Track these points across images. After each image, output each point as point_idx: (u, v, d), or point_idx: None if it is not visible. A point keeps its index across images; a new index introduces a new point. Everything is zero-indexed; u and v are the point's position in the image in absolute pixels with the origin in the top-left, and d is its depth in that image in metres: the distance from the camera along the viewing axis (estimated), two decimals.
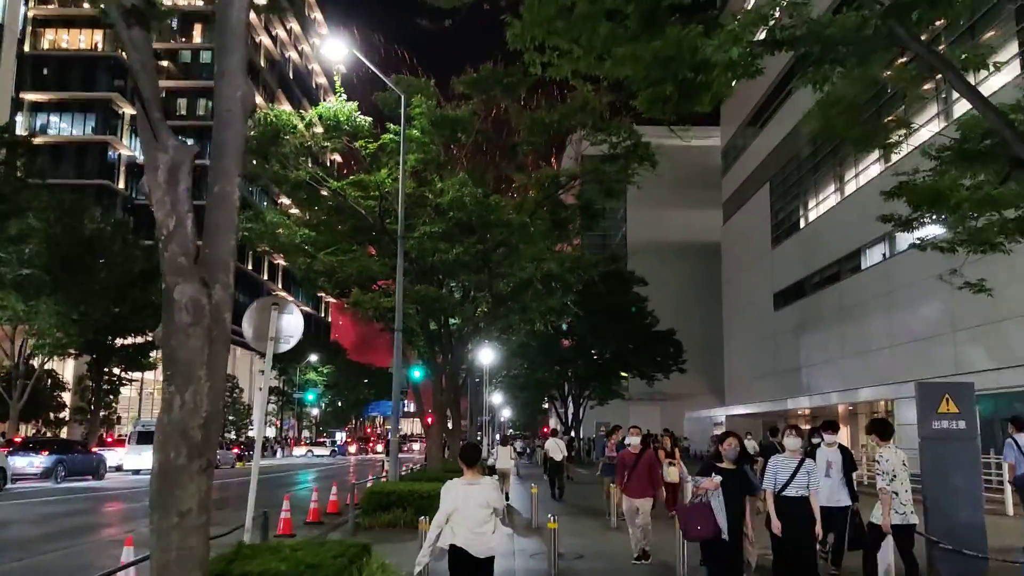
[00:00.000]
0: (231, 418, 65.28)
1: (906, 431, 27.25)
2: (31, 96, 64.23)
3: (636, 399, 56.53)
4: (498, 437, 30.28)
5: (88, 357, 38.67)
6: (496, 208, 15.45)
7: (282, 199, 29.87)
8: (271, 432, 76.82)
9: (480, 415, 40.54)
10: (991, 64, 8.85)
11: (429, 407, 20.28)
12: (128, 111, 66.75)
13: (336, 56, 13.68)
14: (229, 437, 62.69)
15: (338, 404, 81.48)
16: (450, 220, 15.50)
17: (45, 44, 66.24)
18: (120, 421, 53.36)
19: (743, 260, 51.04)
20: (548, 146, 17.99)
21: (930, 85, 23.83)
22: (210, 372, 4.04)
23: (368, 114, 18.18)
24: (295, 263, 17.79)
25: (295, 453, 64.23)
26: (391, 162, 16.10)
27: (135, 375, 48.04)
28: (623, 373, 46.33)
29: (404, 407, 47.86)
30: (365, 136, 16.75)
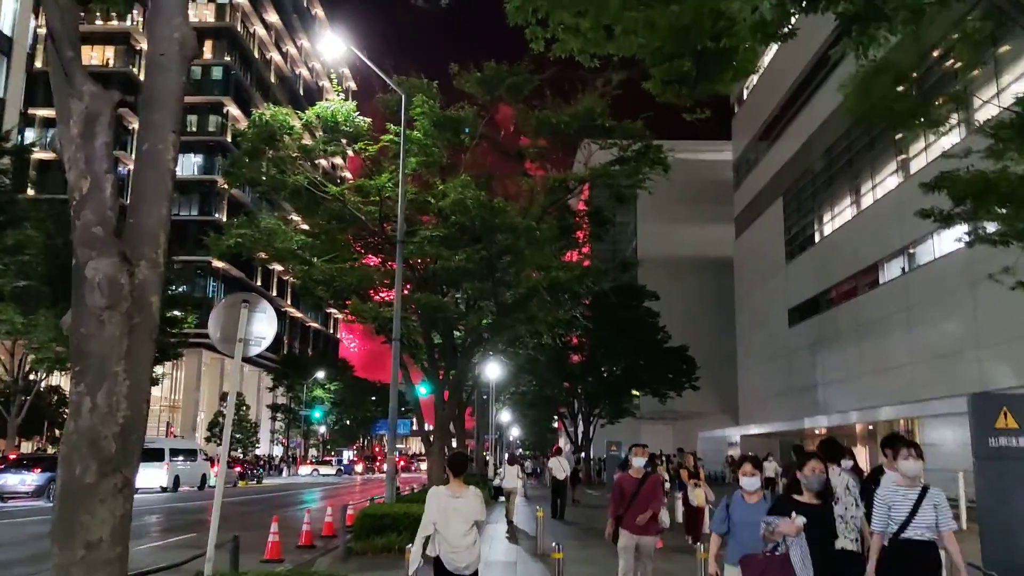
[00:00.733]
0: (237, 436, 64.54)
1: (932, 452, 26.24)
2: (42, 112, 64.27)
3: (648, 418, 55.47)
4: (506, 456, 29.42)
5: None
6: (500, 212, 14.66)
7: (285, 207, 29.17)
8: (278, 451, 76.01)
9: (487, 433, 39.59)
10: None
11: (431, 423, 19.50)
12: (137, 126, 66.67)
13: (333, 53, 13.04)
14: (235, 455, 61.95)
15: (346, 422, 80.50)
16: (452, 224, 14.75)
17: None
18: None
19: (756, 275, 50.15)
20: (555, 149, 17.23)
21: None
22: (129, 368, 3.28)
23: (372, 122, 17.58)
24: (293, 271, 17.10)
25: (300, 472, 63.33)
26: (392, 166, 15.40)
27: None
28: (634, 391, 45.30)
29: (413, 425, 46.99)
30: (364, 138, 16.06)
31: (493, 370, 29.20)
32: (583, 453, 44.92)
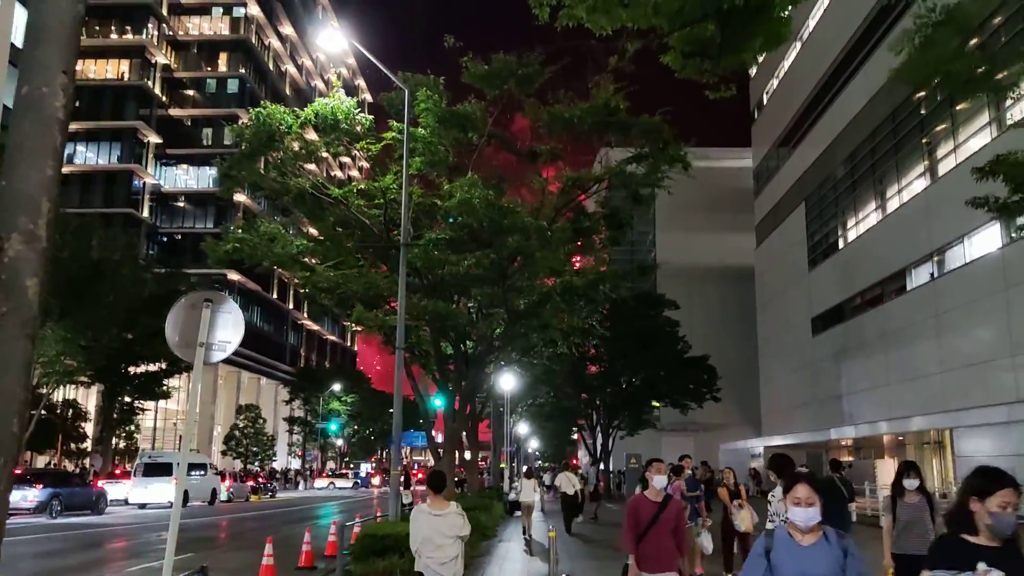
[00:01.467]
0: (254, 449, 64.05)
1: (966, 464, 25.09)
2: None
3: (668, 430, 54.41)
4: (524, 469, 28.62)
5: (102, 386, 37.65)
6: (510, 212, 13.86)
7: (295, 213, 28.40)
8: (295, 464, 75.45)
9: (504, 445, 38.71)
10: None
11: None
12: (153, 139, 66.82)
13: (333, 46, 12.36)
14: (252, 468, 61.44)
15: (364, 434, 79.84)
16: (459, 227, 13.98)
17: None
18: (141, 452, 52.28)
19: (778, 284, 49.05)
20: (569, 148, 16.44)
21: None
22: None
23: (377, 126, 16.93)
24: (296, 278, 16.40)
25: (317, 485, 62.66)
26: (397, 167, 14.67)
27: (149, 404, 46.88)
28: (655, 402, 44.25)
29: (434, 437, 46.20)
30: (367, 137, 15.36)
31: (508, 381, 28.40)
32: (601, 465, 43.83)
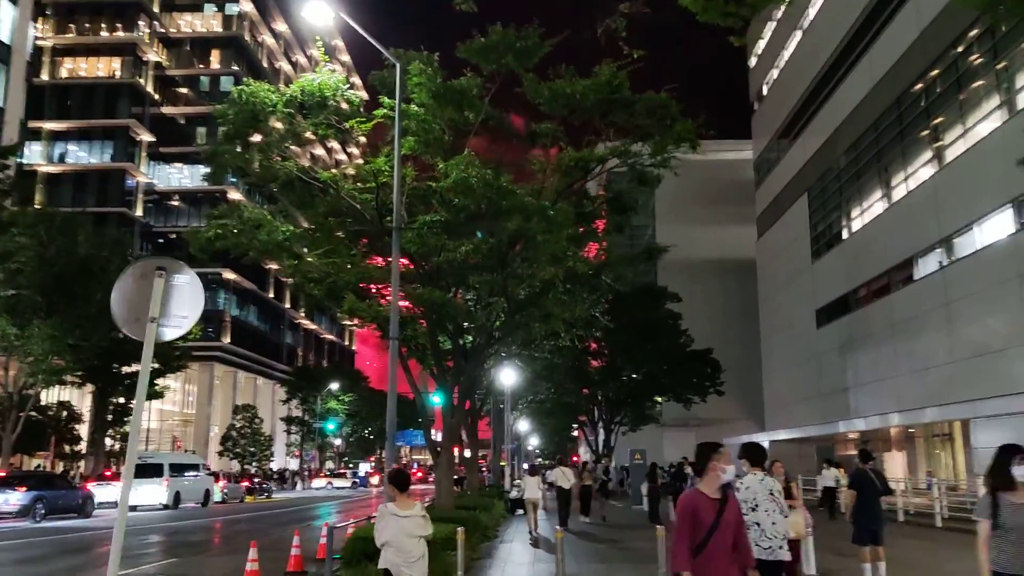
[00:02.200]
0: (251, 449, 63.30)
1: (984, 456, 24.36)
2: (49, 125, 63.77)
3: (670, 425, 53.81)
4: (526, 466, 28.03)
5: (92, 386, 36.87)
6: (509, 193, 13.07)
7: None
8: (294, 464, 74.69)
9: (505, 442, 38.02)
10: None
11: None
12: (146, 137, 65.99)
13: (319, 21, 11.61)
14: (247, 468, 60.70)
15: (362, 434, 79.08)
16: (456, 209, 13.18)
17: (64, 72, 65.92)
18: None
19: (781, 276, 48.35)
20: (571, 129, 15.64)
21: None
22: None
23: (367, 107, 16.15)
24: (282, 267, 15.63)
25: (314, 485, 62.00)
26: (389, 148, 13.89)
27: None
28: (657, 397, 43.55)
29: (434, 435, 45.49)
30: (356, 115, 14.55)
31: (508, 376, 27.66)
32: (603, 461, 43.10)
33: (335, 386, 70.27)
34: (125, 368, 35.73)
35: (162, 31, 70.26)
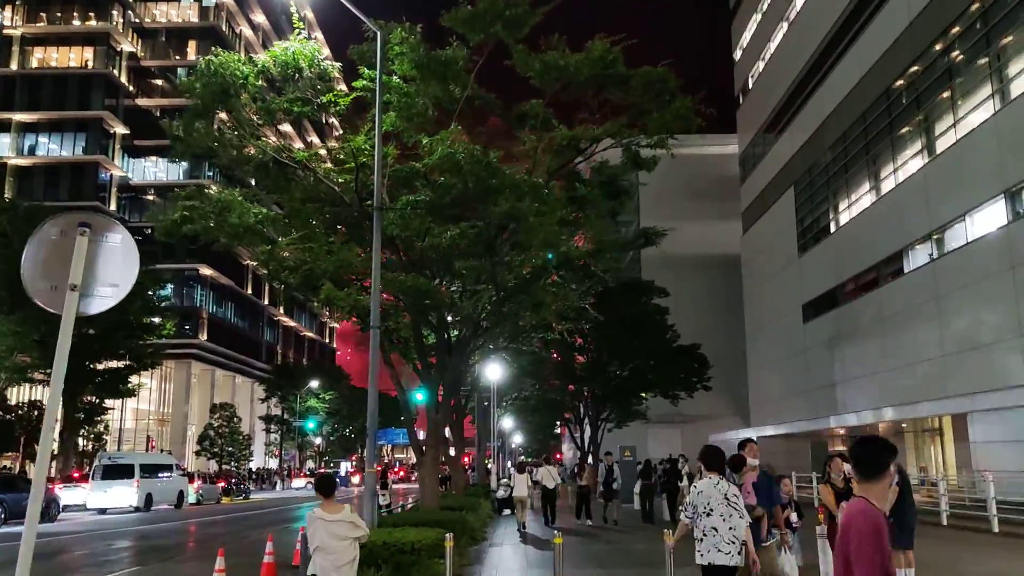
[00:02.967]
0: (229, 449, 61.98)
1: (982, 450, 23.90)
2: (19, 116, 62.08)
3: (655, 421, 53.19)
4: (510, 464, 27.27)
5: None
6: (499, 171, 12.21)
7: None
8: (273, 463, 73.41)
9: (489, 441, 37.20)
10: None
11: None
12: (120, 130, 64.44)
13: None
14: (225, 468, 59.43)
15: (343, 432, 77.91)
16: (442, 188, 12.29)
17: (34, 62, 64.19)
18: (99, 454, 50.05)
19: (767, 271, 47.88)
20: (563, 104, 14.82)
21: None
22: None
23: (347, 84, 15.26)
24: (254, 253, 14.70)
25: (294, 485, 60.86)
26: (369, 125, 13.00)
27: (113, 403, 44.60)
28: (643, 393, 42.88)
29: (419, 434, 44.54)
30: (332, 90, 13.64)
31: (494, 371, 26.84)
32: (605, 459, 42.22)
33: (315, 384, 69.10)
34: (95, 365, 34.54)
35: (136, 21, 68.65)
